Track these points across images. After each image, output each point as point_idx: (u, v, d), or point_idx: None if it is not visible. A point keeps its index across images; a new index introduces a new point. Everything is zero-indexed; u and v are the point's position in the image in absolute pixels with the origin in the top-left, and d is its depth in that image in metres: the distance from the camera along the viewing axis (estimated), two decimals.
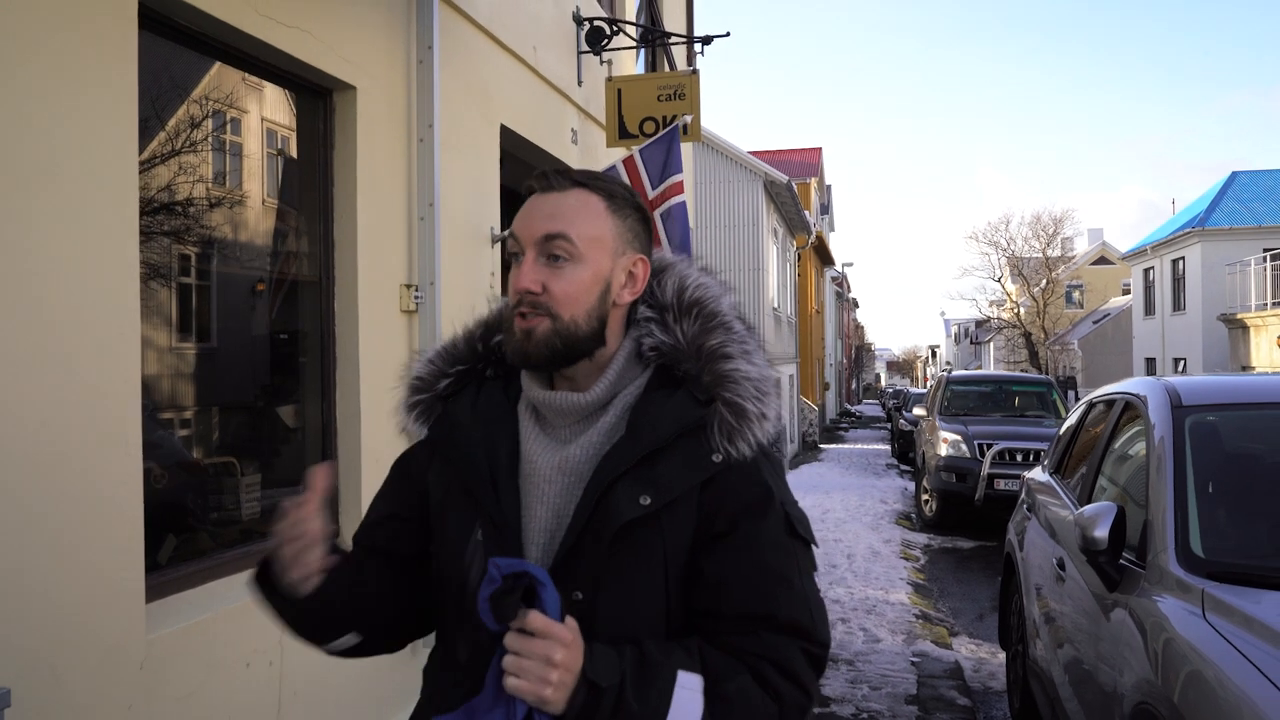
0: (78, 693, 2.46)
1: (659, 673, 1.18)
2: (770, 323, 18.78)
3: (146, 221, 3.07)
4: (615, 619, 1.23)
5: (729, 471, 1.26)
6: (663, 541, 1.24)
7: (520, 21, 5.52)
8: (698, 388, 1.29)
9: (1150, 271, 31.68)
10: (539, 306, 1.27)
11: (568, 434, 1.32)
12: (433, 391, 1.40)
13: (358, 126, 3.82)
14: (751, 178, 18.24)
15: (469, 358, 1.42)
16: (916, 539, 10.49)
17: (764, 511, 1.27)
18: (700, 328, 1.32)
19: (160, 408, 3.22)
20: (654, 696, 1.16)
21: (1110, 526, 2.93)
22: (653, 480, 1.23)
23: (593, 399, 1.31)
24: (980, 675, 5.65)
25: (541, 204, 1.31)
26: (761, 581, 1.25)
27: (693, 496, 1.25)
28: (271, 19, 3.26)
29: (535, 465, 1.30)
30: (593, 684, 1.14)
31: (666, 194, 5.35)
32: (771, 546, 1.27)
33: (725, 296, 1.38)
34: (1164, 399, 3.40)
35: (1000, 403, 13.26)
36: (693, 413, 1.27)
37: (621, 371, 1.33)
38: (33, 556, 2.35)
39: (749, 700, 1.21)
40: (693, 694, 1.18)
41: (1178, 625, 2.50)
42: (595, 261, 1.29)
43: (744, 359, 1.31)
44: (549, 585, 1.15)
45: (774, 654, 1.24)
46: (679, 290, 1.36)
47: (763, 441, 1.29)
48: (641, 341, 1.34)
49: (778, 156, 27.37)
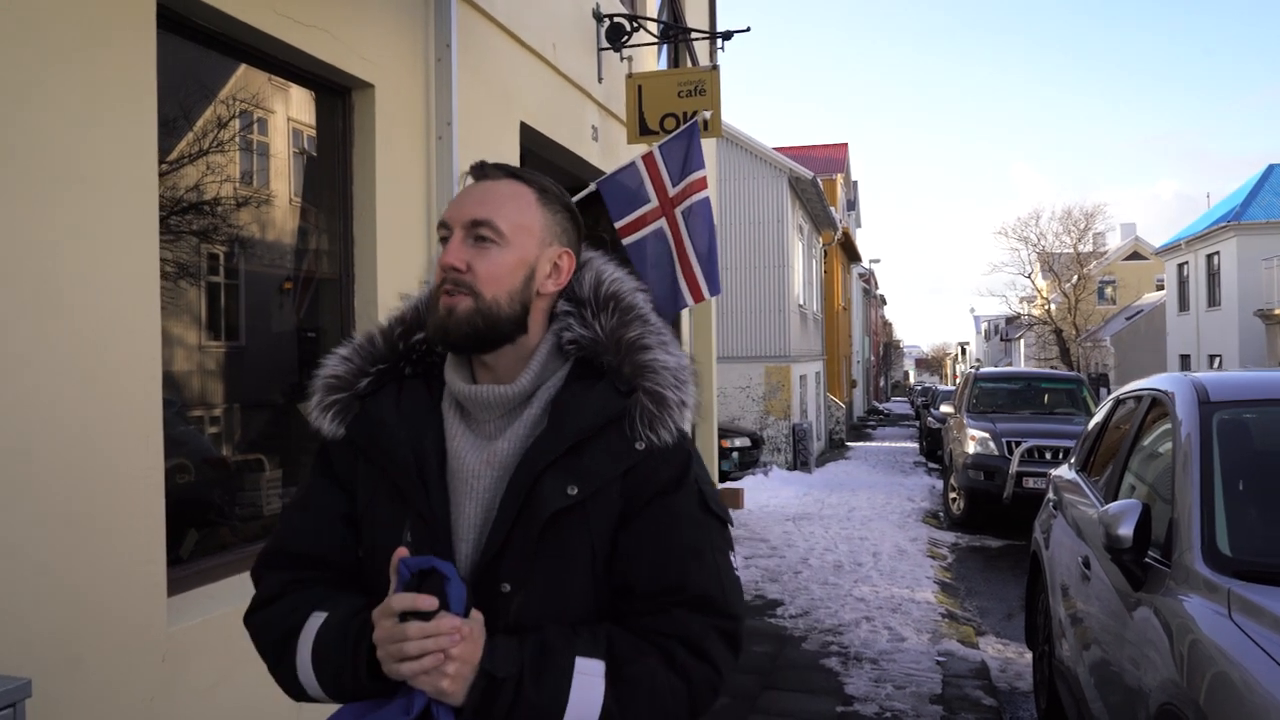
0: (99, 684, 2.49)
1: (557, 660, 1.20)
2: (796, 320, 18.69)
3: (174, 221, 3.11)
4: (546, 609, 1.26)
5: (650, 457, 1.30)
6: (589, 530, 1.27)
7: (540, 19, 5.53)
8: (618, 379, 1.32)
9: (1184, 267, 31.18)
10: (462, 284, 1.29)
11: (493, 429, 1.33)
12: (351, 390, 1.39)
13: (376, 125, 3.84)
14: (776, 174, 18.14)
15: (389, 356, 1.42)
16: (944, 537, 10.39)
17: (677, 487, 1.31)
18: (618, 320, 1.36)
19: (188, 405, 3.25)
20: (551, 684, 1.19)
21: (1135, 524, 2.88)
22: (579, 471, 1.26)
23: (518, 390, 1.33)
24: (1007, 675, 5.58)
25: (474, 191, 1.35)
26: (672, 553, 1.28)
27: (616, 484, 1.29)
28: (290, 18, 3.28)
29: (463, 461, 1.32)
30: (491, 675, 1.16)
31: (688, 191, 5.33)
32: (683, 520, 1.31)
33: (640, 291, 1.42)
34: (1191, 395, 3.34)
35: (1029, 400, 13.09)
36: (615, 403, 1.30)
37: (544, 364, 1.35)
38: (56, 550, 2.38)
39: (654, 681, 1.23)
40: (593, 679, 1.21)
41: (1204, 625, 2.45)
42: (520, 247, 1.32)
43: (662, 349, 1.35)
44: (454, 579, 1.18)
45: (684, 632, 1.26)
46: (595, 284, 1.39)
47: (683, 428, 1.33)
48: (561, 335, 1.37)
49: (803, 152, 27.22)
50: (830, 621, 6.51)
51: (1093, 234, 42.79)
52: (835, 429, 23.77)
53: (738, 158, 17.90)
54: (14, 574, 2.27)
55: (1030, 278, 44.13)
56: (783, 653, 5.82)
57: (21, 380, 2.31)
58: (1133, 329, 37.65)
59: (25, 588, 2.30)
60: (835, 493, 13.51)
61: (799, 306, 19.18)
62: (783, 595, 7.27)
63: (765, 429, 17.24)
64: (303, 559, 1.37)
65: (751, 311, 17.89)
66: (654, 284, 5.42)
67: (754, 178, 18.13)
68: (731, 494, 11.54)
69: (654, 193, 5.32)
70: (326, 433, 1.39)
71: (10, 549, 2.27)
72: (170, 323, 3.03)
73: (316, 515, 1.39)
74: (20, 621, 2.29)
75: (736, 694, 5.06)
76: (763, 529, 10.15)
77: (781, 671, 5.46)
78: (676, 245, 5.38)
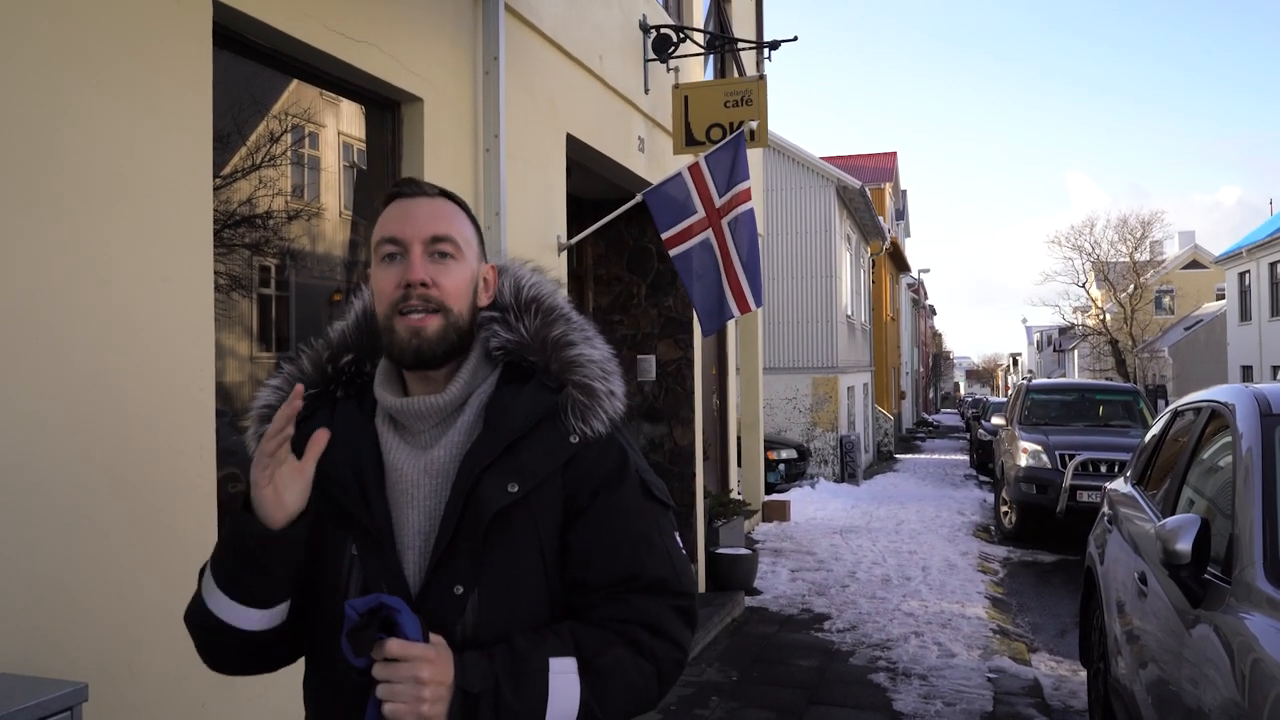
0: (153, 690, 2.54)
1: (531, 664, 1.23)
2: (844, 330, 18.53)
3: (228, 234, 3.18)
4: (499, 607, 1.29)
5: (587, 449, 1.34)
6: (535, 525, 1.31)
7: (586, 31, 5.56)
8: (547, 376, 1.36)
9: (1246, 275, 30.33)
10: (430, 301, 1.32)
11: (428, 439, 1.36)
12: None
13: (425, 138, 3.89)
14: (824, 183, 18.04)
15: (319, 381, 1.45)
16: (995, 552, 10.21)
17: (620, 480, 1.35)
18: (541, 321, 1.40)
19: (240, 415, 3.32)
20: (530, 689, 1.21)
21: (1194, 539, 2.80)
22: (517, 469, 1.30)
23: (449, 399, 1.35)
24: (1060, 693, 5.45)
25: (419, 207, 1.36)
26: (623, 545, 1.33)
27: (557, 478, 1.32)
28: (341, 34, 3.35)
29: (401, 472, 1.34)
30: (467, 692, 1.18)
31: (734, 202, 5.32)
32: (630, 511, 1.35)
33: (559, 291, 1.47)
34: (1252, 407, 3.25)
35: (1083, 412, 12.80)
36: (545, 399, 1.34)
37: (474, 371, 1.38)
38: (111, 556, 2.44)
39: (624, 668, 1.28)
40: (568, 676, 1.24)
41: (1266, 644, 2.37)
42: (469, 262, 1.37)
43: (586, 344, 1.40)
44: (404, 610, 1.19)
45: (643, 616, 1.31)
46: (515, 290, 1.43)
47: (615, 418, 1.37)
48: (488, 342, 1.40)
49: (851, 162, 27.03)
50: (878, 636, 6.42)
51: (1150, 242, 41.82)
52: (883, 441, 23.49)
53: (785, 168, 17.84)
54: (72, 580, 2.33)
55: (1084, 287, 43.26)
56: (830, 667, 5.75)
57: (79, 392, 2.37)
58: (1192, 339, 36.68)
59: (83, 594, 2.36)
60: (883, 505, 13.34)
61: (846, 317, 19.02)
62: (830, 609, 7.19)
63: (812, 441, 17.10)
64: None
65: (798, 322, 17.78)
66: (700, 295, 5.42)
67: (801, 188, 18.04)
68: (778, 506, 11.45)
69: (700, 203, 5.31)
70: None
71: (68, 555, 2.33)
72: (223, 334, 3.09)
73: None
74: (78, 627, 2.34)
75: (782, 708, 5.01)
76: (810, 542, 10.06)
77: (829, 686, 5.40)
78: (723, 256, 5.37)
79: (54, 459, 2.30)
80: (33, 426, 2.25)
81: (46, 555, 2.28)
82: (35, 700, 1.81)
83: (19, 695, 1.83)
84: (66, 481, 2.33)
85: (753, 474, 11.05)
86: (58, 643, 2.29)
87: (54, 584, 2.29)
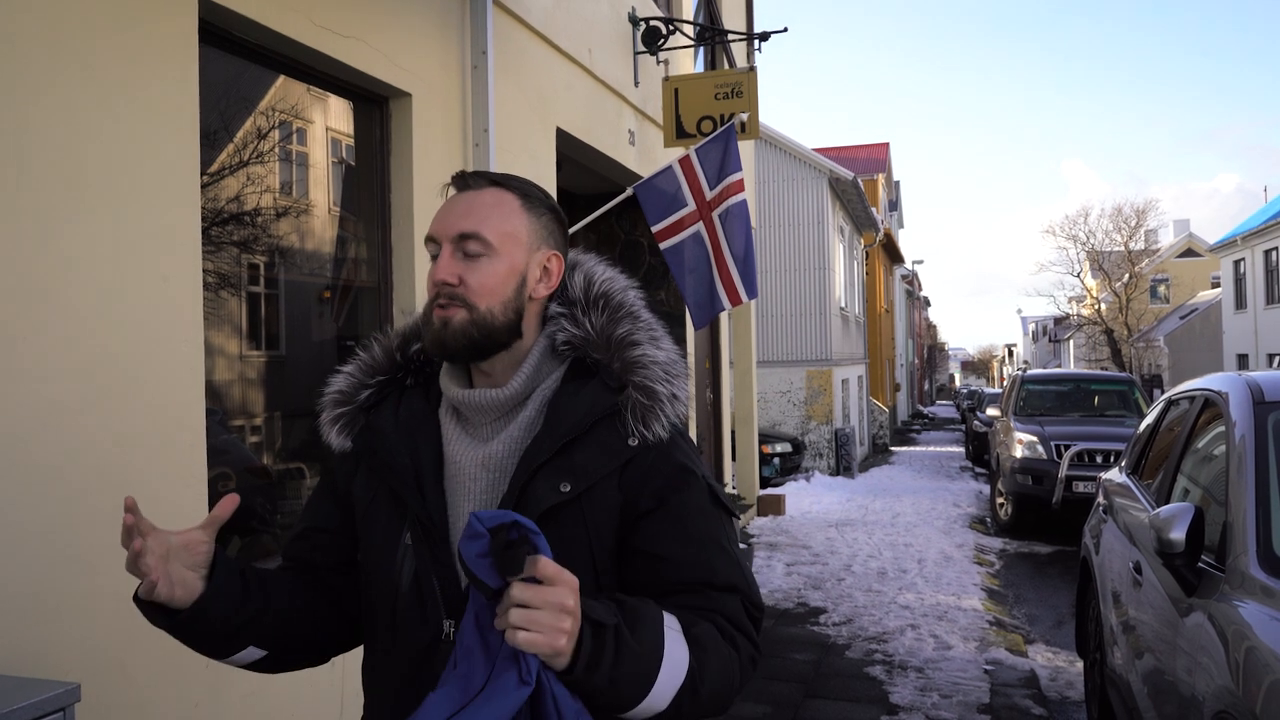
0: (146, 689, 2.53)
1: (647, 613, 1.18)
2: (838, 323, 18.53)
3: (216, 232, 3.16)
4: None
5: (647, 452, 1.30)
6: (585, 526, 1.27)
7: (575, 24, 5.54)
8: (609, 375, 1.33)
9: (1241, 263, 30.40)
10: (456, 298, 1.30)
11: (488, 431, 1.34)
12: (354, 404, 1.43)
13: (413, 133, 3.87)
14: (816, 175, 18.01)
15: (388, 368, 1.45)
16: (991, 543, 10.22)
17: (687, 484, 1.31)
18: (608, 318, 1.37)
19: (230, 414, 3.30)
20: (648, 635, 1.16)
21: (1188, 528, 2.80)
22: (571, 468, 1.27)
23: (510, 393, 1.33)
24: (1057, 684, 5.46)
25: (457, 203, 1.35)
26: (696, 549, 1.29)
27: (613, 479, 1.29)
28: (327, 29, 3.32)
29: (459, 465, 1.33)
30: (597, 624, 1.11)
31: (725, 193, 5.31)
32: (700, 515, 1.31)
33: (632, 289, 1.43)
34: (1245, 395, 3.25)
35: (1079, 402, 12.79)
36: (605, 399, 1.31)
37: (538, 366, 1.36)
38: (103, 555, 2.42)
39: (718, 644, 1.24)
40: (677, 634, 1.20)
41: (1260, 632, 2.37)
42: (510, 256, 1.33)
43: (651, 344, 1.36)
44: (540, 534, 1.10)
45: (722, 608, 1.28)
46: (587, 284, 1.41)
47: (676, 422, 1.34)
48: (555, 336, 1.38)
49: (843, 153, 27.02)
50: (874, 629, 6.42)
51: (1144, 231, 41.86)
52: (878, 434, 23.51)
53: (776, 159, 17.81)
54: (63, 580, 2.32)
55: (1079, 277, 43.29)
56: (826, 660, 5.75)
57: (67, 389, 2.36)
58: (1187, 328, 36.78)
59: (73, 594, 2.34)
60: (879, 498, 13.34)
61: (840, 309, 19.01)
62: (825, 602, 7.19)
63: (807, 434, 17.10)
64: (287, 560, 1.48)
65: (792, 315, 17.76)
66: (691, 288, 5.40)
67: (793, 180, 18.01)
68: (773, 500, 11.45)
69: (691, 196, 5.30)
70: (334, 446, 1.45)
71: (58, 555, 2.31)
72: (212, 332, 3.07)
73: (297, 525, 1.51)
74: (69, 627, 2.33)
75: (778, 702, 5.01)
76: (805, 535, 10.06)
77: (825, 680, 5.40)
78: (714, 249, 5.35)
79: (43, 458, 2.29)
80: (21, 425, 2.23)
81: (37, 555, 2.26)
82: (27, 701, 1.80)
83: (11, 696, 1.82)
84: (54, 480, 2.31)
85: (747, 468, 11.05)
86: (49, 643, 2.28)
87: (45, 584, 2.28)
